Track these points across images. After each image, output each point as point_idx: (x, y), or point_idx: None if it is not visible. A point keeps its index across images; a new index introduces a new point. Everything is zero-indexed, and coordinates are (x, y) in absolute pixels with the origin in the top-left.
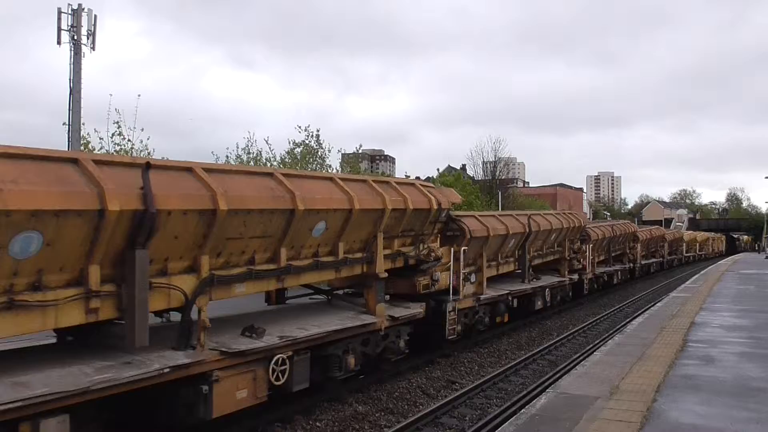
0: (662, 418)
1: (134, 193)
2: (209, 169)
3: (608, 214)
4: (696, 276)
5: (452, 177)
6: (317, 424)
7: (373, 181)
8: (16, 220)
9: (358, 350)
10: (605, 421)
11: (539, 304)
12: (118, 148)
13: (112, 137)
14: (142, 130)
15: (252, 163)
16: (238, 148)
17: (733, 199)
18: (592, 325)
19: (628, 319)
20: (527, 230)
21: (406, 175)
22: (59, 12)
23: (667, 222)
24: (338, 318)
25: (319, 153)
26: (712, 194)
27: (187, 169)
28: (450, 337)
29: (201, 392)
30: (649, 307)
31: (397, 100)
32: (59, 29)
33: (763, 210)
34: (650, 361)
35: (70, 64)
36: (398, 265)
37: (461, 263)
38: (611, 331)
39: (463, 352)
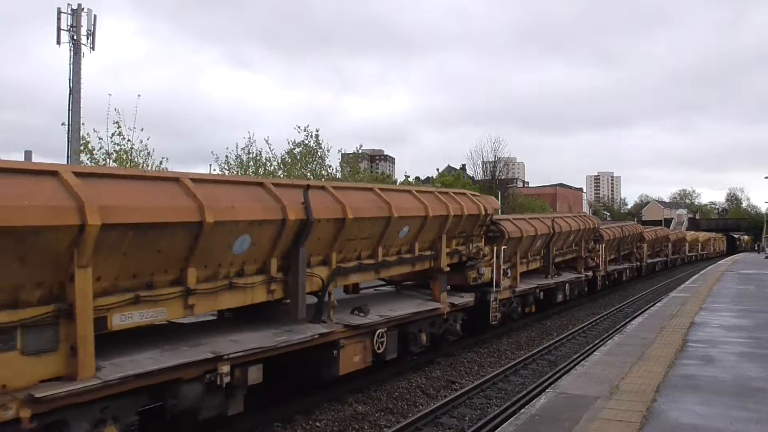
0: (662, 418)
1: (300, 207)
2: (336, 187)
3: (608, 214)
4: (696, 276)
5: (452, 177)
6: (317, 424)
7: (438, 192)
8: (240, 228)
9: (427, 330)
10: (605, 421)
11: (560, 297)
12: (117, 148)
13: (111, 137)
14: (142, 130)
15: (251, 162)
16: (237, 148)
17: (733, 199)
18: (592, 325)
19: (627, 319)
20: (552, 231)
21: (405, 176)
22: (59, 12)
23: (667, 222)
24: (413, 304)
25: (319, 153)
26: (711, 194)
27: (322, 187)
28: (493, 323)
29: (332, 355)
30: (649, 307)
31: (396, 100)
32: (59, 29)
33: (763, 210)
34: (650, 361)
35: (69, 64)
36: (454, 261)
37: (501, 260)
38: (611, 331)
39: (463, 352)
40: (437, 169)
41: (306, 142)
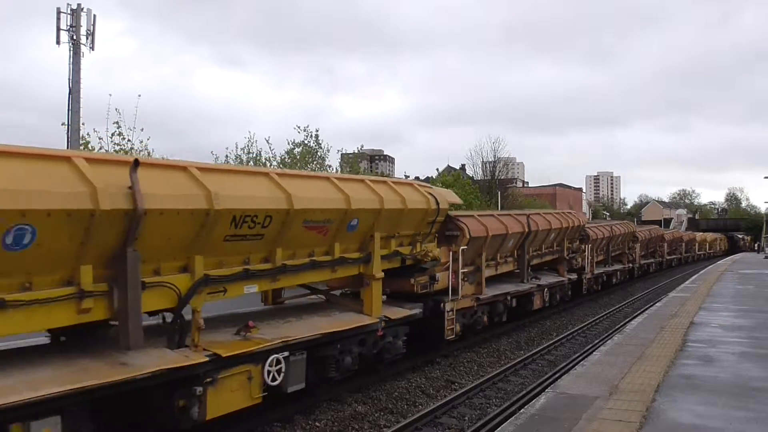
0: (661, 418)
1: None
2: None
3: (607, 214)
4: (695, 276)
5: (452, 177)
6: (317, 424)
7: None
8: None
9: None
10: (604, 421)
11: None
12: (117, 148)
13: (111, 137)
14: (142, 130)
15: (251, 162)
16: (237, 147)
17: (732, 198)
18: (592, 325)
19: (627, 319)
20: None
21: (405, 176)
22: (58, 12)
23: (666, 222)
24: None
25: (319, 153)
26: (711, 194)
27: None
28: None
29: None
30: (649, 307)
31: (388, 99)
32: (58, 29)
33: (763, 210)
34: (649, 361)
35: (69, 64)
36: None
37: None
38: (611, 331)
39: (462, 352)
40: (437, 169)
41: (306, 142)
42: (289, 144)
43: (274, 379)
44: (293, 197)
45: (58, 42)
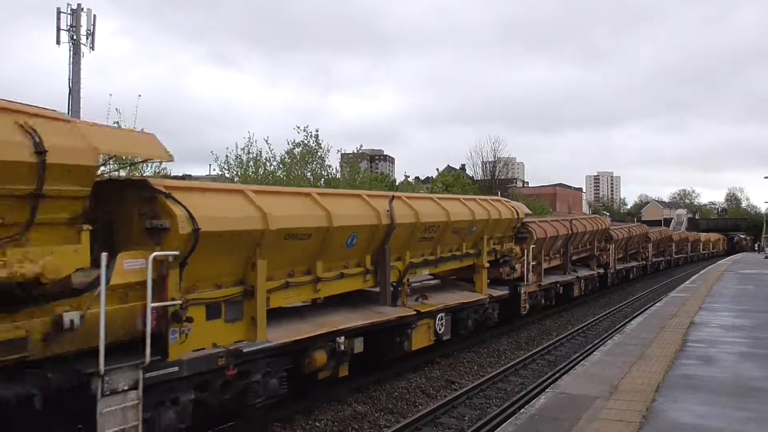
0: (661, 417)
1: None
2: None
3: (607, 214)
4: (695, 276)
5: (452, 177)
6: (317, 424)
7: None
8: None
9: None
10: (604, 421)
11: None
12: None
13: None
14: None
15: (251, 162)
16: (237, 147)
17: (732, 199)
18: (592, 324)
19: (627, 319)
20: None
21: (405, 176)
22: (58, 12)
23: (666, 222)
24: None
25: (319, 153)
26: (711, 194)
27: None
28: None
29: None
30: (649, 307)
31: (384, 99)
32: (58, 29)
33: (763, 210)
34: (650, 361)
35: (69, 64)
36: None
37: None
38: (611, 331)
39: (462, 352)
40: (437, 169)
41: (306, 142)
42: (288, 144)
43: (440, 329)
44: (450, 213)
45: (58, 42)
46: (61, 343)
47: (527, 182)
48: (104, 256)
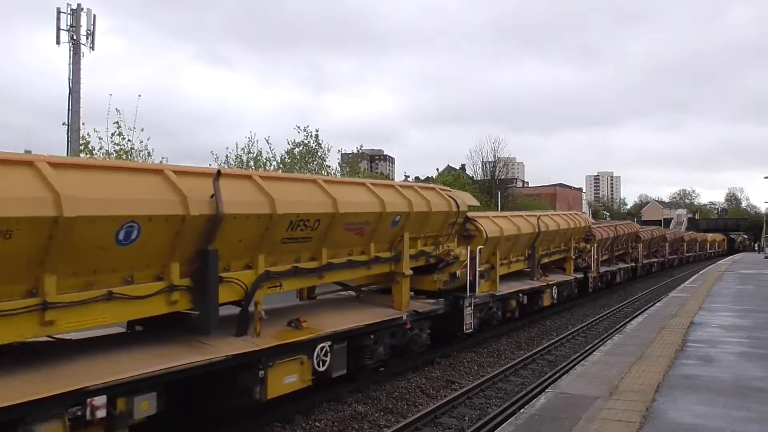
0: (661, 418)
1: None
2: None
3: (607, 213)
4: (695, 276)
5: (452, 177)
6: (317, 424)
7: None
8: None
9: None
10: (604, 421)
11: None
12: (117, 148)
13: (111, 137)
14: (142, 130)
15: (252, 162)
16: (237, 147)
17: (733, 199)
18: (592, 325)
19: (627, 319)
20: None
21: (405, 176)
22: (58, 12)
23: (666, 222)
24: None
25: (319, 153)
26: (711, 194)
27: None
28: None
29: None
30: (649, 307)
31: (377, 98)
32: (58, 29)
33: (763, 210)
34: (649, 361)
35: (69, 64)
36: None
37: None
38: (611, 331)
39: (462, 352)
40: (437, 169)
41: (306, 141)
42: (288, 144)
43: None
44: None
45: (58, 42)
46: (451, 285)
47: (527, 182)
48: (462, 248)
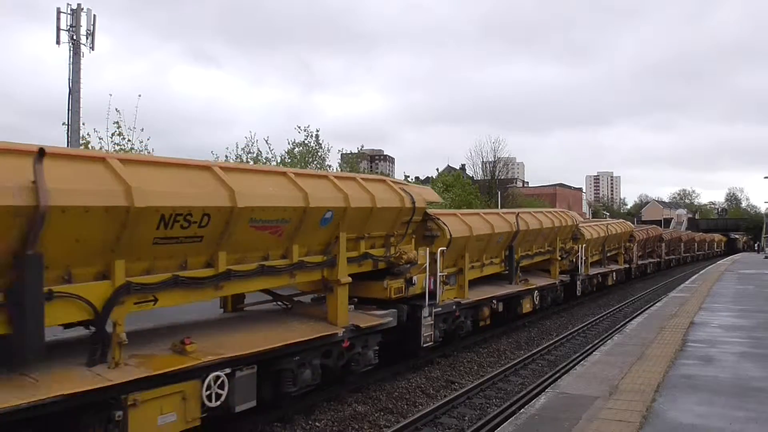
0: (661, 417)
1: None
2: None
3: (607, 213)
4: (695, 276)
5: (452, 177)
6: (317, 424)
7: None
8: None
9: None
10: (604, 421)
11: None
12: (117, 148)
13: (111, 137)
14: (142, 130)
15: (252, 162)
16: (237, 147)
17: (733, 199)
18: (592, 325)
19: (627, 319)
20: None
21: (405, 176)
22: (58, 12)
23: (666, 222)
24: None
25: (319, 153)
26: (711, 194)
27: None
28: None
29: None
30: (649, 307)
31: (367, 98)
32: (58, 29)
33: (763, 210)
34: (649, 361)
35: (69, 64)
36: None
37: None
38: (610, 331)
39: (462, 351)
40: (437, 169)
41: (306, 141)
42: (288, 143)
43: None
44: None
45: (58, 42)
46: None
47: (527, 182)
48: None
